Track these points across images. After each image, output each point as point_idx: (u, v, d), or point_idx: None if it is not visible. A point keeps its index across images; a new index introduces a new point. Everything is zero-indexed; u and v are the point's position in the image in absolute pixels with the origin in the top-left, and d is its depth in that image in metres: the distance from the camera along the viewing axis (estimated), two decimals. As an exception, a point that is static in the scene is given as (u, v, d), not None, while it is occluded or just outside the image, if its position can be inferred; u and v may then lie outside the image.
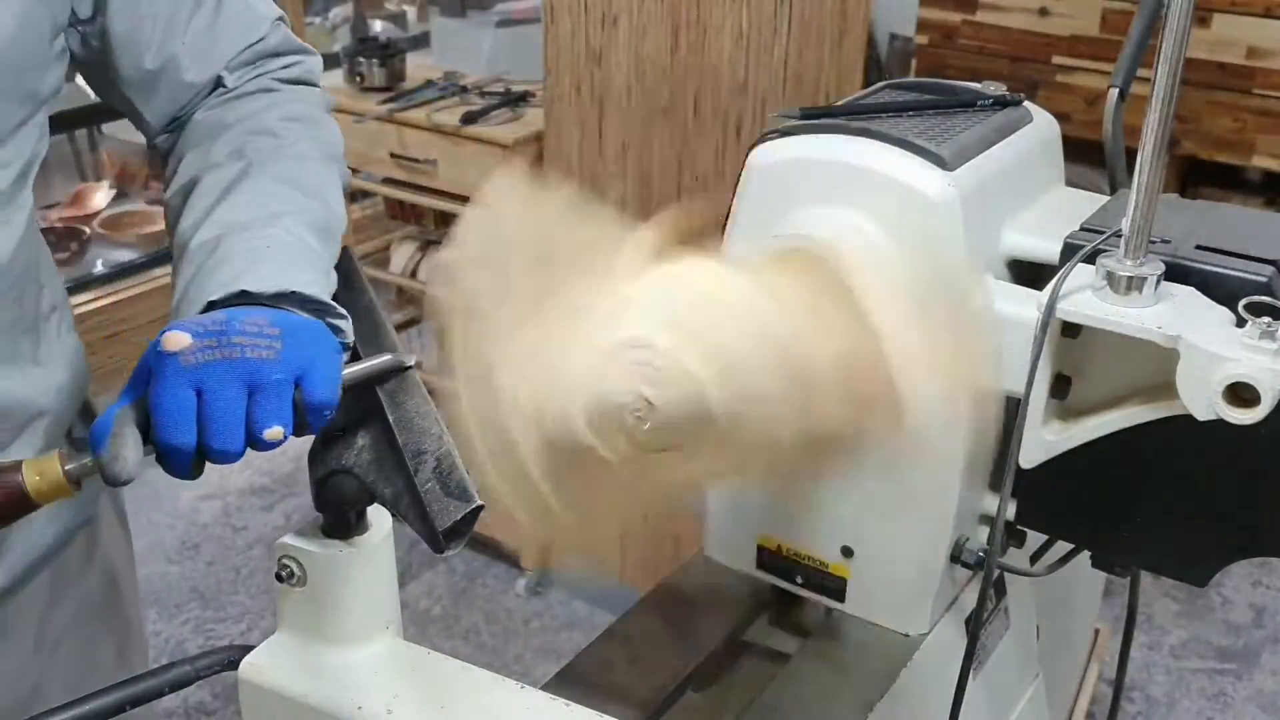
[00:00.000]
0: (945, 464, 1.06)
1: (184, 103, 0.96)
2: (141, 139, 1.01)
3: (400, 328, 2.77)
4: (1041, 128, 1.19)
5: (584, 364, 0.85)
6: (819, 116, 1.10)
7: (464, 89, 2.42)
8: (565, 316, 0.86)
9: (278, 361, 0.71)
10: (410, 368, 0.79)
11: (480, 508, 0.71)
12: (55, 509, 0.89)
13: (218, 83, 0.96)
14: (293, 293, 0.79)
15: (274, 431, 0.70)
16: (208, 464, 0.73)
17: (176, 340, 0.70)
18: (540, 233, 0.87)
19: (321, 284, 0.83)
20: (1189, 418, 0.90)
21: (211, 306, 0.77)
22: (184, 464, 0.71)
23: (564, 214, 0.87)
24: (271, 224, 0.84)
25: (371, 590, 0.79)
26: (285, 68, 0.99)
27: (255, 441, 0.71)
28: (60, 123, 3.41)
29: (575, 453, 0.84)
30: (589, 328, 0.86)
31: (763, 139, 1.08)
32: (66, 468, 0.71)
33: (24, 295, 0.92)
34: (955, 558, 1.12)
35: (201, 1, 0.94)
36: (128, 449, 0.68)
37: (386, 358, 0.78)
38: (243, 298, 0.77)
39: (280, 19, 1.00)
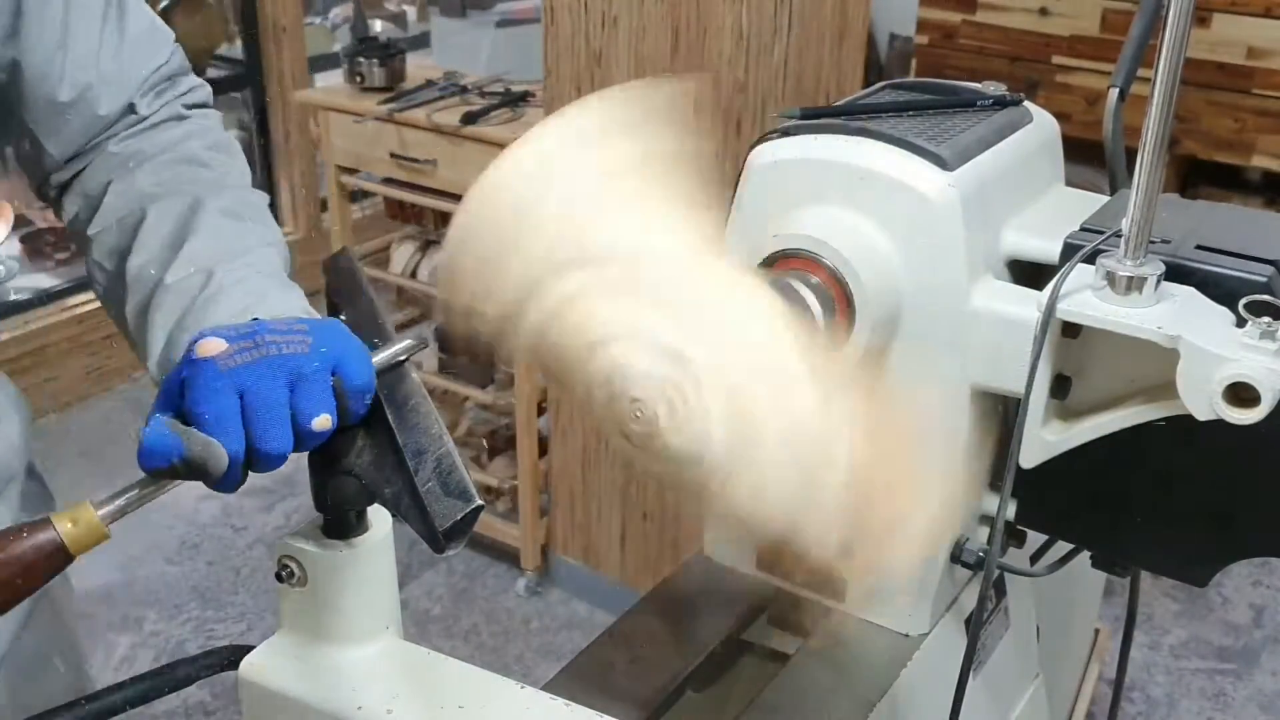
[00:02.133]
0: (945, 464, 1.06)
1: (95, 133, 0.93)
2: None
3: (400, 328, 2.77)
4: (1041, 128, 1.19)
5: (618, 328, 0.83)
6: (819, 116, 1.10)
7: (464, 89, 2.42)
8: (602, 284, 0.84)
9: (313, 353, 0.71)
10: (424, 346, 0.79)
11: (480, 507, 0.71)
12: None
13: (129, 110, 0.94)
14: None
15: (322, 420, 0.70)
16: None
17: (212, 346, 0.68)
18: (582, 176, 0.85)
19: (310, 307, 0.84)
20: (1189, 418, 0.90)
21: None
22: (234, 473, 0.69)
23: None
24: (247, 256, 0.85)
25: (371, 590, 0.79)
26: (188, 92, 0.98)
27: (302, 435, 0.70)
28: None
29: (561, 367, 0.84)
30: (640, 297, 0.83)
31: (763, 139, 1.08)
32: (101, 512, 0.68)
33: None
34: (955, 558, 1.12)
35: (105, 24, 0.91)
36: (207, 438, 0.67)
37: (407, 341, 0.79)
38: None
39: (176, 41, 0.98)
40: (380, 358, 0.77)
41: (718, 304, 0.85)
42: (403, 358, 0.79)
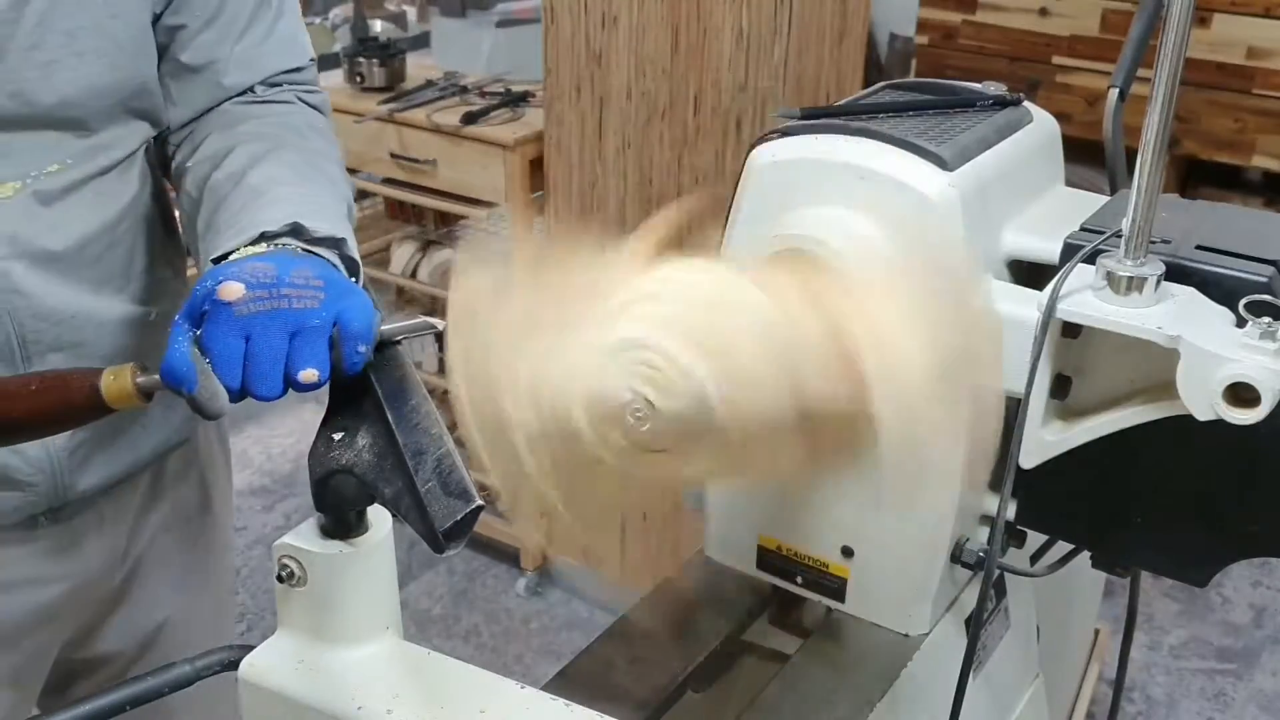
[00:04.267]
0: (945, 464, 1.06)
1: (216, 100, 1.04)
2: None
3: (400, 328, 2.76)
4: (1041, 128, 1.19)
5: (585, 363, 0.86)
6: (819, 116, 1.10)
7: (464, 89, 2.42)
8: (567, 316, 0.86)
9: (321, 308, 0.77)
10: (440, 332, 0.82)
11: (481, 508, 0.71)
12: (155, 425, 1.08)
13: (249, 90, 1.05)
14: (342, 239, 0.88)
15: (309, 374, 0.76)
16: None
17: (232, 290, 0.76)
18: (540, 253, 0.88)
19: (356, 252, 0.92)
20: (1189, 418, 0.90)
21: (262, 237, 0.85)
22: (230, 400, 0.78)
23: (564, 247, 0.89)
24: (316, 187, 0.93)
25: (371, 590, 0.79)
26: (309, 92, 1.09)
27: (293, 383, 0.77)
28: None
29: (573, 449, 0.84)
30: (590, 327, 0.86)
31: (763, 139, 1.08)
32: (137, 380, 0.78)
33: (135, 247, 1.04)
34: (955, 558, 1.12)
35: (257, 19, 1.03)
36: (218, 385, 0.76)
37: (419, 319, 0.82)
38: (295, 233, 0.86)
39: (314, 60, 1.10)
40: (390, 327, 0.79)
41: (634, 283, 0.88)
42: (416, 329, 0.81)
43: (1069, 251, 1.01)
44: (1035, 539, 1.16)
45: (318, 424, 0.78)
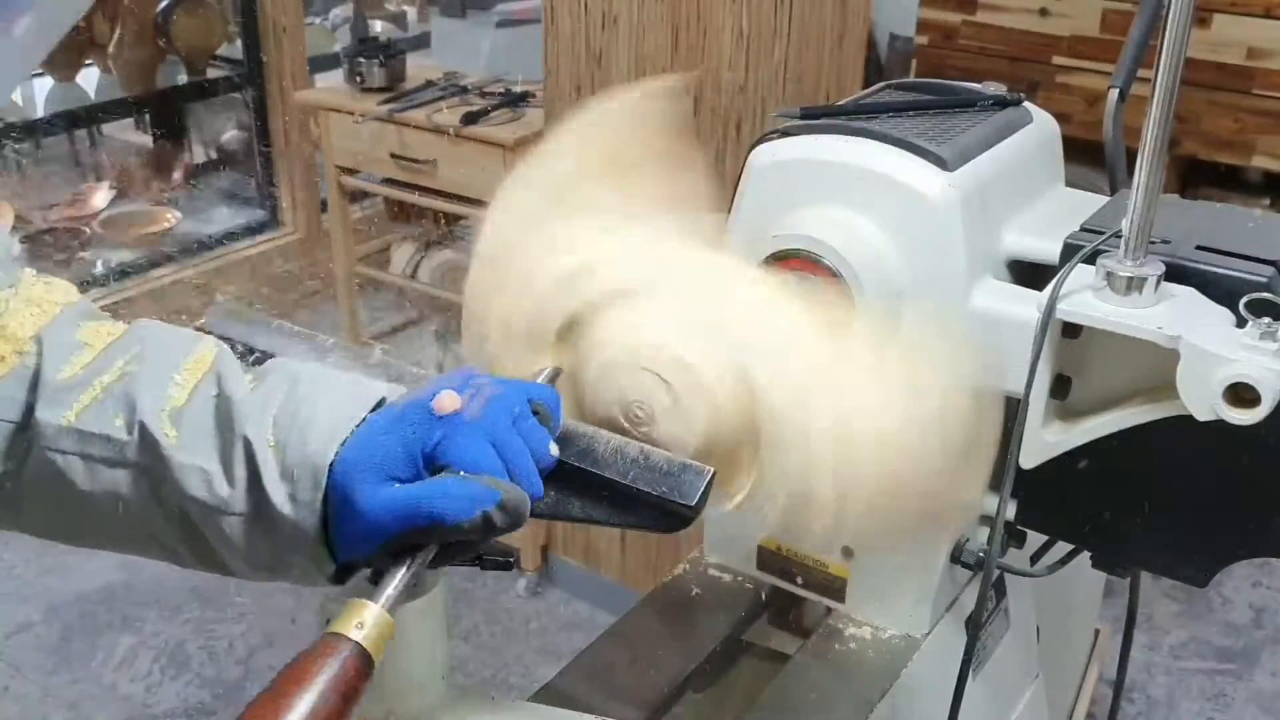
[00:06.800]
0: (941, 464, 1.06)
1: None
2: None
3: (400, 329, 2.77)
4: (1041, 128, 1.19)
5: (587, 366, 0.85)
6: (819, 116, 1.10)
7: (464, 89, 2.42)
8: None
9: (510, 390, 0.70)
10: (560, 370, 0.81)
11: (714, 472, 0.72)
12: None
13: None
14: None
15: (554, 447, 0.70)
16: None
17: (451, 400, 0.68)
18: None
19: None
20: (1189, 418, 0.90)
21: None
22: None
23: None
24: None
25: (432, 640, 0.76)
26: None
27: (542, 470, 0.70)
28: (60, 123, 3.41)
29: None
30: (593, 329, 0.86)
31: (763, 139, 1.08)
32: (382, 602, 0.63)
33: None
34: (955, 558, 1.12)
35: None
36: (512, 484, 0.67)
37: (552, 367, 0.80)
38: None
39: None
40: (542, 381, 0.77)
41: (708, 289, 0.87)
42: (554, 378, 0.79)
43: (1069, 251, 1.01)
44: (1035, 539, 1.16)
45: None
